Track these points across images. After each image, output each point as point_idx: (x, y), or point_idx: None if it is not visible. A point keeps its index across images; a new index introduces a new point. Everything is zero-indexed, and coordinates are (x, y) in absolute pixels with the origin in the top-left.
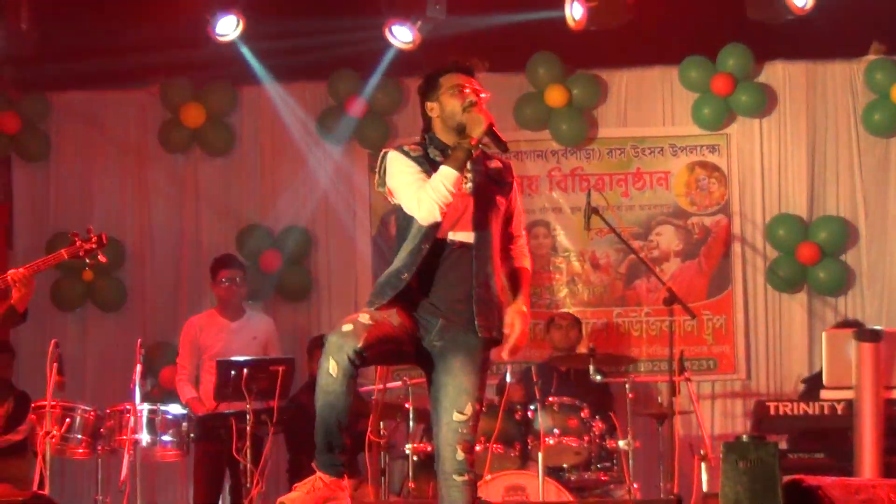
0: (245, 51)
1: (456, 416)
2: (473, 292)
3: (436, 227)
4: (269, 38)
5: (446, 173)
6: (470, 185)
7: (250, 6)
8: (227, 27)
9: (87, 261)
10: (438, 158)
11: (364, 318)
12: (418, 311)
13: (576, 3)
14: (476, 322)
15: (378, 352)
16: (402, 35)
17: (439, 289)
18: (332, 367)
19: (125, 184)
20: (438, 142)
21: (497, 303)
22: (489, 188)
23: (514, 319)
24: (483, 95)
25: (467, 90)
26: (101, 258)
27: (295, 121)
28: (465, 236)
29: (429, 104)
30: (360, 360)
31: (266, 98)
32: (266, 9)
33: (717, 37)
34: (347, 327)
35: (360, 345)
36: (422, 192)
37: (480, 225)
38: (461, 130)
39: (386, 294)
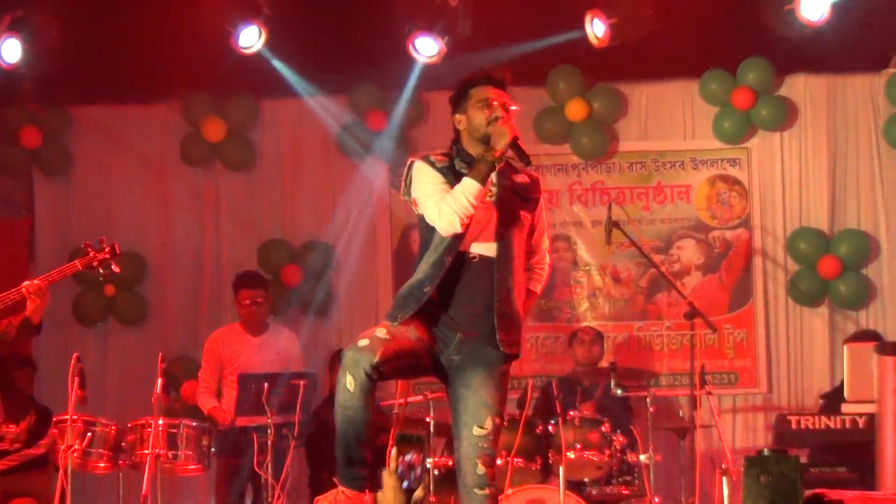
0: (277, 63)
1: (476, 431)
2: (495, 306)
3: (459, 239)
4: (289, 51)
5: (468, 185)
6: (494, 198)
7: (270, 20)
8: (250, 38)
9: (101, 271)
10: (464, 170)
11: (381, 332)
12: (437, 326)
13: (597, 21)
14: (498, 336)
15: (395, 366)
16: (426, 49)
17: (459, 302)
18: (349, 382)
19: (146, 198)
20: (465, 154)
21: (518, 317)
22: (513, 202)
23: None
24: (512, 108)
25: (494, 103)
26: (115, 268)
27: (315, 134)
28: (487, 249)
29: (457, 116)
30: (377, 375)
31: (287, 112)
32: (286, 23)
33: (738, 50)
34: (364, 342)
35: (376, 359)
36: (443, 203)
37: (503, 239)
38: (487, 143)
39: (409, 307)
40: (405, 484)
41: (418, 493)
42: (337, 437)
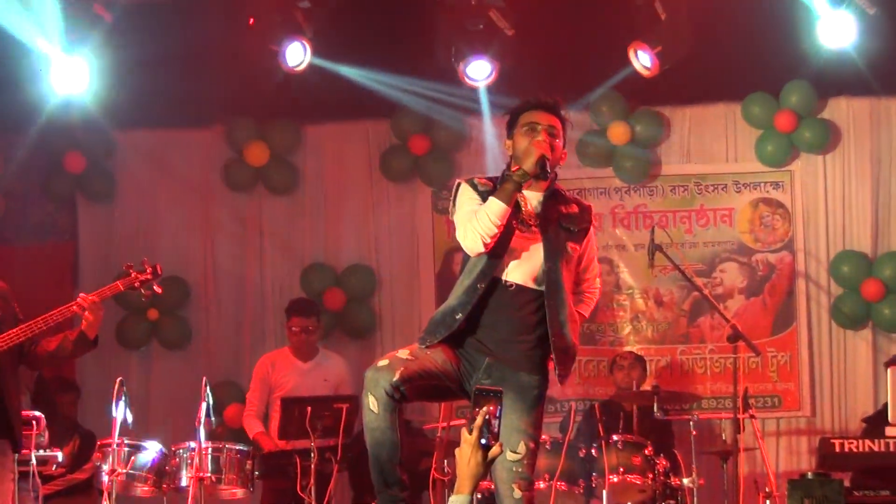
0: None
1: (510, 456)
2: (551, 342)
3: (493, 265)
4: (331, 75)
5: (492, 204)
6: (533, 227)
7: (313, 44)
8: (297, 56)
9: (143, 291)
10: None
11: (403, 353)
12: (464, 348)
13: (641, 52)
14: (557, 371)
15: (418, 386)
16: (478, 72)
17: (489, 327)
18: (371, 403)
19: (189, 222)
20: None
21: (573, 349)
22: (559, 234)
23: None
24: (556, 139)
25: (539, 127)
26: (157, 289)
27: (358, 158)
28: (525, 278)
29: (507, 141)
30: (399, 394)
31: (329, 136)
32: (329, 47)
33: (781, 73)
34: (383, 362)
35: (395, 378)
36: (469, 223)
37: (550, 272)
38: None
39: (439, 333)
40: (483, 440)
41: (495, 450)
42: (370, 461)
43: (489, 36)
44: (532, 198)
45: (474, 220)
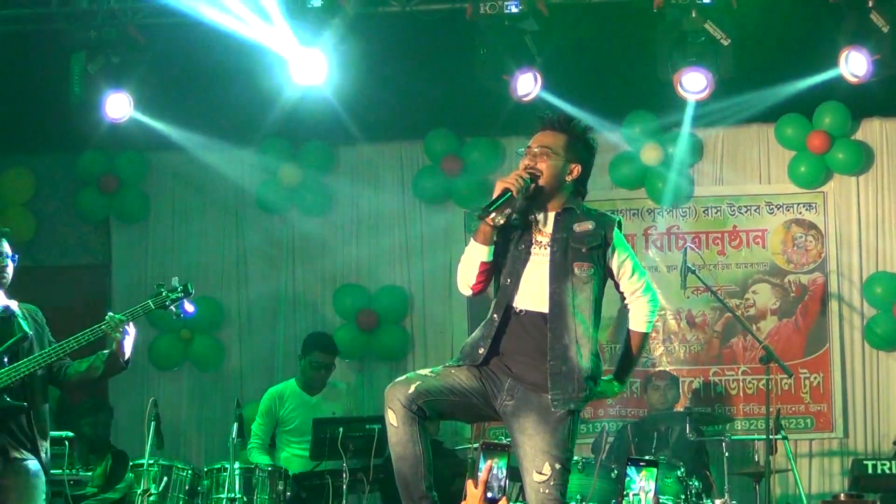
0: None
1: (536, 477)
2: (549, 366)
3: (506, 294)
4: (364, 96)
5: (471, 249)
6: (546, 253)
7: (347, 63)
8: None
9: (174, 309)
10: (514, 220)
11: (424, 370)
12: (490, 368)
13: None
14: (550, 395)
15: (439, 402)
16: (694, 84)
17: (509, 351)
18: (391, 418)
19: (223, 243)
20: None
21: (576, 374)
22: (566, 255)
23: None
24: (538, 162)
25: (531, 149)
26: (188, 307)
27: (391, 179)
28: (535, 304)
29: None
30: (416, 408)
31: (362, 156)
32: (361, 67)
33: (814, 94)
34: (401, 378)
35: (411, 390)
36: (460, 266)
37: (555, 295)
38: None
39: (464, 363)
40: (489, 494)
41: None
42: (396, 478)
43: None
44: (542, 218)
45: (461, 265)
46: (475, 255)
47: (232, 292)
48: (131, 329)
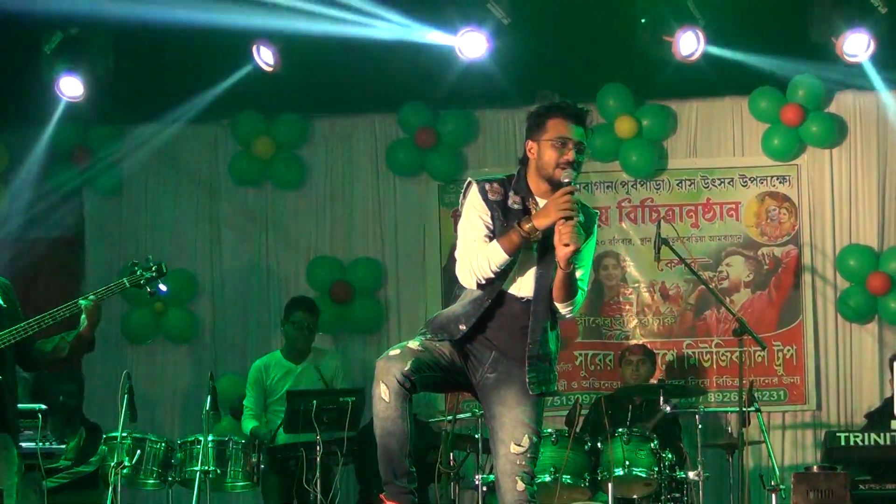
0: None
1: (514, 448)
2: (528, 349)
3: (500, 280)
4: (338, 69)
5: (496, 254)
6: (537, 244)
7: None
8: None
9: (148, 289)
10: (516, 206)
11: (414, 343)
12: (471, 343)
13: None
14: (527, 378)
15: (427, 377)
16: (856, 47)
17: (493, 329)
18: (383, 392)
19: (196, 216)
20: (523, 186)
21: (550, 357)
22: (554, 247)
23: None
24: (580, 158)
25: (570, 144)
26: (162, 287)
27: (365, 152)
28: (524, 291)
29: (529, 142)
30: (410, 384)
31: (336, 129)
32: (334, 40)
33: (788, 68)
34: (395, 351)
35: (407, 367)
36: (471, 259)
37: (541, 282)
38: (550, 181)
39: (440, 337)
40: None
41: None
42: (379, 452)
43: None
44: (542, 205)
45: (475, 261)
46: (498, 261)
47: (205, 265)
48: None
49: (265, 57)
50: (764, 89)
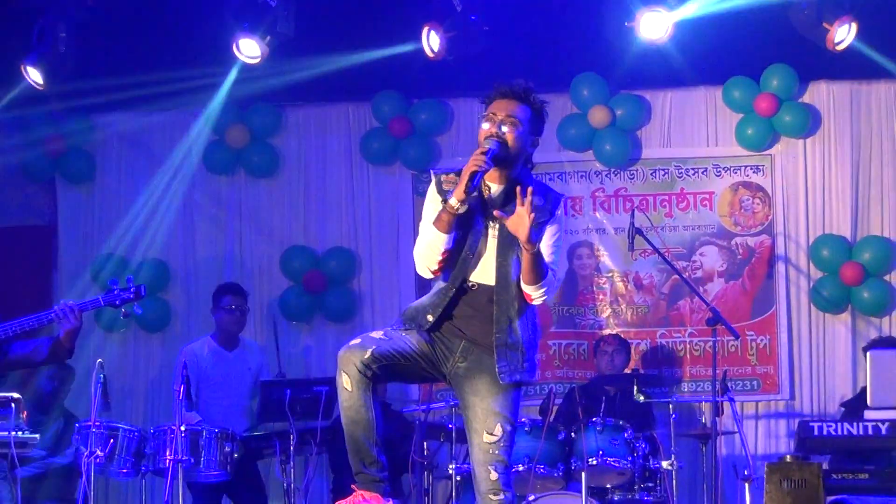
0: None
1: (486, 438)
2: (494, 339)
3: (463, 268)
4: (310, 57)
5: (431, 235)
6: (496, 228)
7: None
8: (251, 51)
9: (122, 310)
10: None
11: (376, 333)
12: (440, 332)
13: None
14: (497, 367)
15: (391, 366)
16: (432, 42)
17: (461, 318)
18: (345, 382)
19: (169, 205)
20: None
21: (521, 346)
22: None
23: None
24: (506, 129)
25: (495, 116)
26: (137, 310)
27: (339, 141)
28: (486, 278)
29: (480, 128)
30: (371, 372)
31: (310, 118)
32: (307, 27)
33: (761, 57)
34: (355, 341)
35: (367, 355)
36: (419, 249)
37: (501, 268)
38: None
39: (409, 327)
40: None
41: None
42: (347, 442)
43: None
44: (495, 191)
45: (419, 247)
46: (436, 242)
47: (178, 254)
48: (79, 320)
49: (245, 49)
50: (737, 79)
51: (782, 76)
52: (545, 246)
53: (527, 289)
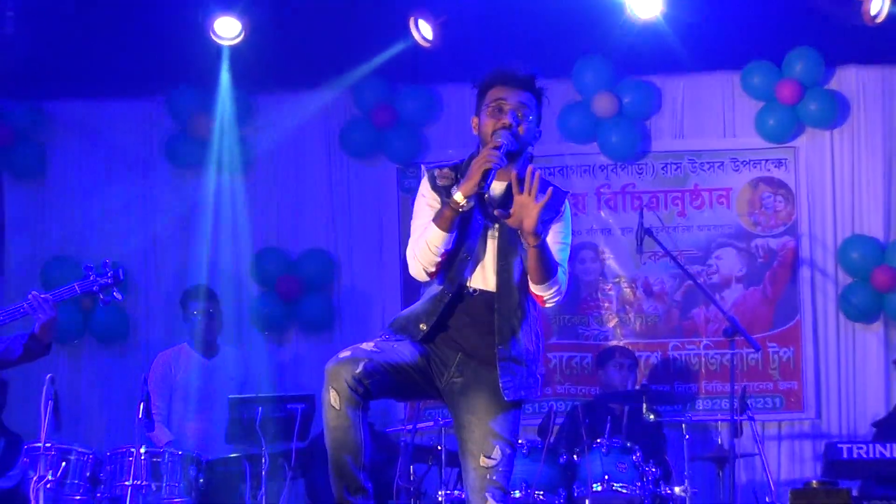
0: None
1: (483, 462)
2: (497, 351)
3: (460, 270)
4: (286, 41)
5: (431, 234)
6: (496, 230)
7: (269, 5)
8: (227, 31)
9: (101, 296)
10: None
11: (367, 344)
12: (435, 343)
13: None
14: (501, 383)
15: (384, 382)
16: (424, 30)
17: (458, 328)
18: (333, 399)
19: (128, 202)
20: None
21: (525, 359)
22: (514, 230)
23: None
24: (518, 122)
25: (506, 107)
26: (117, 295)
27: (316, 132)
28: (487, 283)
29: (474, 118)
30: (363, 389)
31: (284, 107)
32: (284, 9)
33: (784, 38)
34: (345, 354)
35: (358, 370)
36: (414, 247)
37: (503, 273)
38: None
39: (401, 338)
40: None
41: None
42: (330, 465)
43: None
44: (497, 188)
45: (416, 247)
46: (436, 241)
47: (137, 257)
48: (54, 310)
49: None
50: (757, 63)
51: (807, 60)
52: (552, 244)
53: (536, 289)
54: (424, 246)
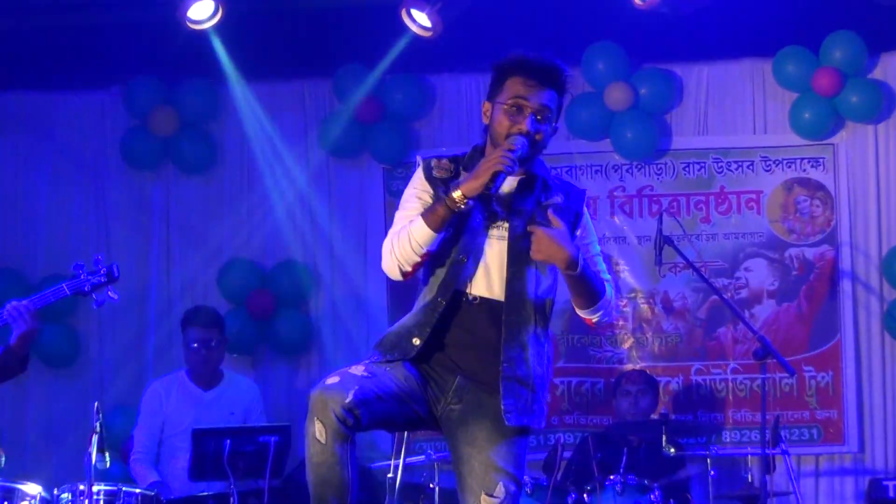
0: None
1: (484, 500)
2: (501, 368)
3: (457, 274)
4: (259, 26)
5: (417, 230)
6: (507, 231)
7: None
8: (202, 13)
9: (94, 297)
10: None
11: (356, 369)
12: (430, 364)
13: None
14: (502, 405)
15: (376, 411)
16: (420, 19)
17: (456, 345)
18: (318, 431)
19: (79, 206)
20: (479, 158)
21: (532, 382)
22: (527, 233)
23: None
24: (540, 119)
25: (526, 115)
26: (112, 295)
27: (290, 127)
28: (492, 291)
29: (486, 103)
30: (353, 420)
31: (255, 99)
32: None
33: (821, 22)
34: (333, 380)
35: (348, 399)
36: (392, 238)
37: (514, 283)
38: None
39: (393, 358)
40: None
41: None
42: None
43: None
44: (506, 187)
45: (395, 239)
46: (421, 239)
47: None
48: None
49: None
50: (792, 50)
51: (847, 46)
52: (588, 250)
53: (583, 313)
54: (406, 240)
